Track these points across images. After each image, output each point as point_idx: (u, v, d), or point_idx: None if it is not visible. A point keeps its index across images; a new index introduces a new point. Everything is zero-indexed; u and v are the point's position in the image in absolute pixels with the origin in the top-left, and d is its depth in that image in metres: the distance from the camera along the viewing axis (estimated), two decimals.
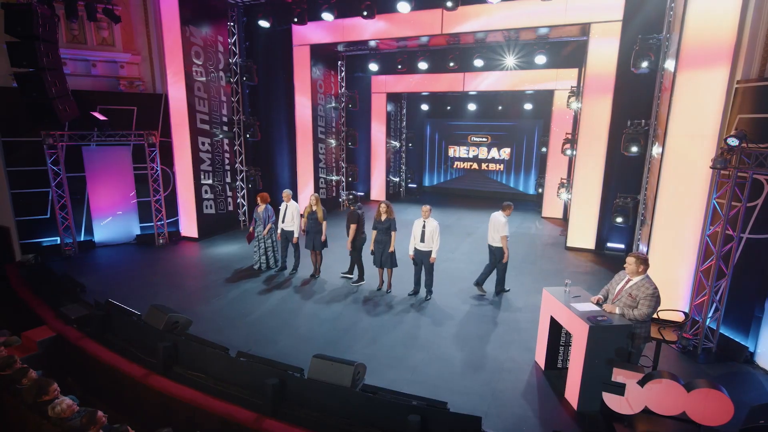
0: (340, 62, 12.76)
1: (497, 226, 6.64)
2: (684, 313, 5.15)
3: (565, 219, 10.78)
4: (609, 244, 9.16)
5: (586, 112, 9.00)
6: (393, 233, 6.63)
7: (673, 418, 3.91)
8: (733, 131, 4.86)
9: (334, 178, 13.18)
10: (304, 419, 4.21)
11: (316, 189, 12.39)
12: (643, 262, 4.15)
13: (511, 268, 7.22)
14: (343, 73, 12.89)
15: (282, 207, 7.66)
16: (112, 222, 9.33)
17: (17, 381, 4.63)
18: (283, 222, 7.59)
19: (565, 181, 11.41)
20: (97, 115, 8.35)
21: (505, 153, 15.74)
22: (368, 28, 10.15)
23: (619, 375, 3.79)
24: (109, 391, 5.29)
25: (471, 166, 16.40)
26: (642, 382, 3.71)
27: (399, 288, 7.08)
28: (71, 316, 6.22)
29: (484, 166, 16.18)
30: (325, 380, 4.33)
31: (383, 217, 6.61)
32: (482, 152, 16.14)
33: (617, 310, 4.16)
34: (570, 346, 4.70)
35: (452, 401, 4.07)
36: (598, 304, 4.37)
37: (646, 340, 4.24)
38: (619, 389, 3.80)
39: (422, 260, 6.58)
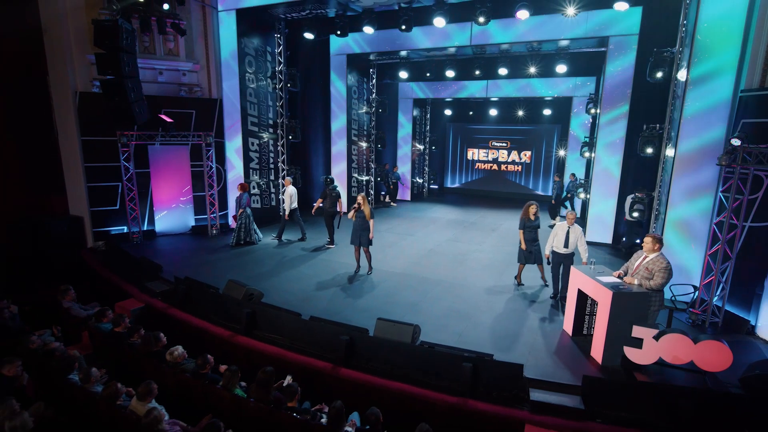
0: (371, 70, 13.71)
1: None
2: (693, 286, 5.91)
3: (583, 217, 11.51)
4: (625, 239, 9.90)
5: (605, 117, 9.79)
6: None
7: (682, 369, 4.72)
8: (736, 134, 5.64)
9: (365, 177, 14.10)
10: (372, 369, 5.07)
11: (348, 188, 13.31)
12: (658, 240, 4.97)
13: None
14: (374, 80, 13.84)
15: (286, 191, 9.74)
16: (171, 213, 10.34)
17: (130, 335, 5.60)
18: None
19: (583, 182, 12.17)
20: (164, 117, 9.37)
21: (525, 156, 16.55)
22: (405, 39, 11.07)
23: (637, 332, 4.61)
24: (196, 350, 6.20)
25: (491, 168, 17.23)
26: (657, 337, 4.53)
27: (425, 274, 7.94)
28: (155, 290, 7.20)
29: (503, 168, 17.00)
30: (388, 338, 5.21)
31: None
32: (502, 155, 16.96)
33: (636, 281, 4.97)
34: (594, 315, 5.50)
35: (495, 356, 4.92)
36: (619, 277, 5.19)
37: (660, 308, 5.04)
38: (638, 343, 4.62)
39: (562, 262, 6.63)
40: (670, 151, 7.36)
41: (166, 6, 8.94)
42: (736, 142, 5.45)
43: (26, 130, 9.78)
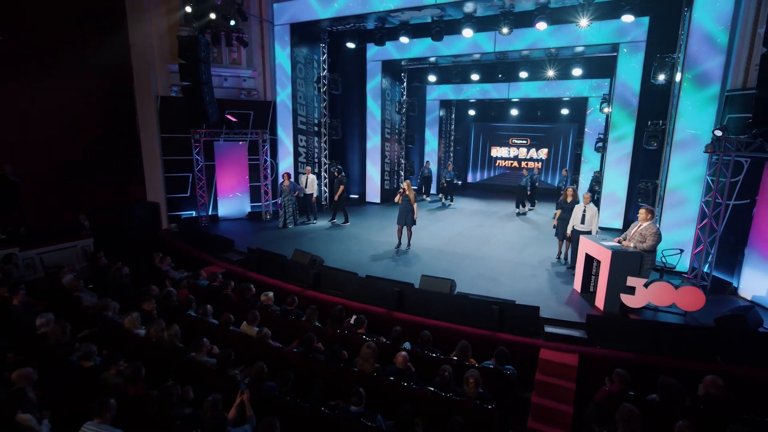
0: (403, 74, 15.09)
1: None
2: (680, 250, 7.08)
3: (597, 205, 12.58)
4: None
5: (616, 115, 10.92)
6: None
7: (668, 311, 5.93)
8: (718, 126, 6.79)
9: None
10: (419, 312, 6.40)
11: (381, 181, 14.69)
12: (650, 212, 6.18)
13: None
14: (405, 83, 15.21)
15: (304, 179, 11.35)
16: (231, 201, 11.91)
17: (224, 288, 7.08)
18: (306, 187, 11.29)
19: (598, 174, 13.26)
20: (230, 117, 10.93)
21: (543, 153, 17.67)
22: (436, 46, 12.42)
23: (631, 281, 5.84)
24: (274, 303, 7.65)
25: (511, 164, 18.40)
26: (646, 285, 5.75)
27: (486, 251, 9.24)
28: (232, 259, 8.71)
29: (523, 164, 18.14)
30: (431, 289, 6.55)
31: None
32: (522, 152, 18.12)
33: (632, 244, 6.19)
34: (598, 275, 6.72)
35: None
36: (618, 242, 6.41)
37: (652, 266, 6.24)
38: (631, 291, 5.85)
39: (578, 238, 7.27)
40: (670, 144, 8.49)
41: (232, 22, 10.48)
42: (718, 133, 6.61)
43: (114, 130, 11.49)
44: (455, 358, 5.08)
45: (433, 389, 4.39)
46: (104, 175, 11.44)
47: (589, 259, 6.78)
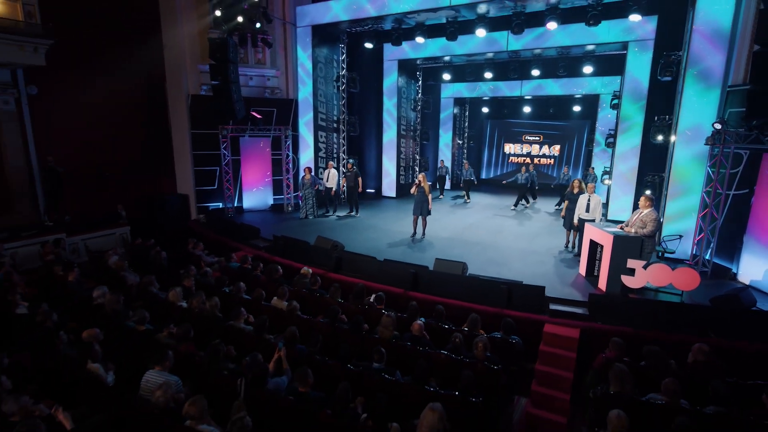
0: (418, 73, 15.61)
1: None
2: (679, 236, 7.47)
3: (606, 199, 12.94)
4: None
5: (626, 111, 11.27)
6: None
7: (666, 291, 6.36)
8: (717, 119, 7.17)
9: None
10: (432, 293, 6.93)
11: (397, 176, 15.23)
12: (650, 199, 6.61)
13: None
14: (420, 82, 15.73)
15: (326, 173, 11.94)
16: (255, 193, 12.60)
17: (254, 269, 7.71)
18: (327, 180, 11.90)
19: (608, 169, 13.58)
20: (255, 114, 11.61)
21: (555, 150, 18.01)
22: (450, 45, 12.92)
23: (631, 263, 6.27)
24: None
25: (524, 161, 18.76)
26: (645, 266, 6.18)
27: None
28: (259, 245, 9.37)
29: (536, 161, 18.51)
30: (444, 271, 7.08)
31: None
32: (535, 149, 18.48)
33: (633, 230, 6.63)
34: (602, 259, 7.16)
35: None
36: (621, 228, 6.84)
37: (652, 251, 6.67)
38: (631, 272, 6.28)
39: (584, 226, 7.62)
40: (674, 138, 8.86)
41: (258, 25, 11.13)
42: (717, 126, 6.99)
43: (148, 127, 12.28)
44: (466, 329, 5.60)
45: (445, 353, 4.94)
46: (138, 169, 12.22)
47: (594, 245, 7.22)
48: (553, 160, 18.16)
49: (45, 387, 4.34)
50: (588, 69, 12.64)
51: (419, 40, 11.69)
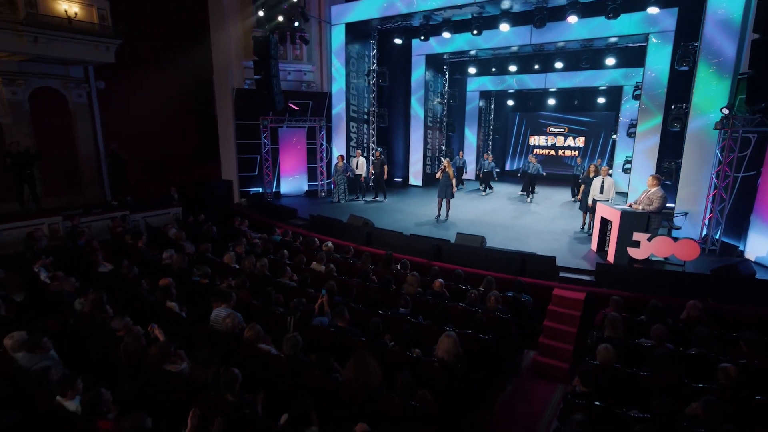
0: (445, 67, 16.29)
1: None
2: (685, 213, 7.94)
3: (628, 190, 13.29)
4: None
5: (646, 101, 11.63)
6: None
7: (669, 262, 6.90)
8: (725, 105, 7.60)
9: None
10: (453, 262, 7.69)
11: (423, 166, 15.98)
12: (657, 179, 7.15)
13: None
14: (446, 75, 16.40)
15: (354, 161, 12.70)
16: (292, 180, 13.64)
17: (294, 241, 8.68)
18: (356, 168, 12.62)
19: (630, 159, 13.90)
20: (292, 106, 12.62)
21: (580, 141, 18.31)
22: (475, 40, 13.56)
23: (636, 236, 6.85)
24: None
25: (549, 153, 19.14)
26: (649, 239, 6.75)
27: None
28: (297, 224, 10.35)
29: (560, 152, 18.86)
30: (464, 244, 7.82)
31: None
32: (559, 141, 18.83)
33: (640, 207, 7.18)
34: (611, 235, 7.73)
35: None
36: (629, 206, 7.41)
37: (659, 227, 7.20)
38: (637, 244, 6.86)
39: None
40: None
41: (296, 23, 12.11)
42: (725, 111, 7.44)
43: (197, 118, 13.51)
44: (482, 289, 6.35)
45: (462, 305, 5.71)
46: (188, 156, 13.48)
47: (605, 222, 7.80)
48: (577, 151, 18.46)
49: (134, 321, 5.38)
50: (611, 61, 13.00)
51: (445, 35, 12.38)
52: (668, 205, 8.92)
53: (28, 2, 8.63)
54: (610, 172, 9.36)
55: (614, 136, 16.21)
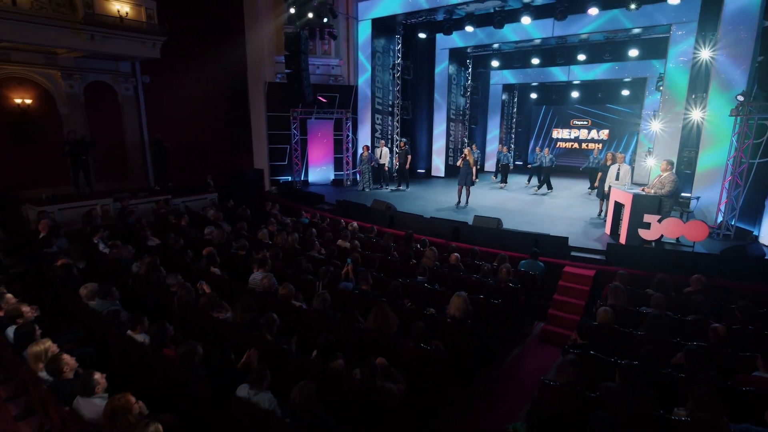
0: (468, 60, 16.64)
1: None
2: (696, 198, 8.14)
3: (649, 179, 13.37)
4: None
5: (669, 92, 11.72)
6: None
7: (679, 243, 7.17)
8: (739, 92, 7.75)
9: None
10: (470, 242, 8.15)
11: (446, 157, 16.39)
12: (670, 163, 7.42)
13: None
14: (469, 69, 16.75)
15: (378, 151, 13.09)
16: (319, 169, 14.33)
17: (322, 222, 9.31)
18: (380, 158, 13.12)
19: (651, 149, 13.94)
20: (321, 98, 13.28)
21: (604, 134, 18.31)
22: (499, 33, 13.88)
23: (647, 218, 7.14)
24: None
25: (572, 145, 19.20)
26: (660, 220, 7.04)
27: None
28: (324, 208, 11.01)
29: (583, 145, 18.89)
30: (481, 225, 8.27)
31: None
32: (583, 133, 18.87)
33: (652, 191, 7.46)
34: (623, 218, 8.01)
35: None
36: (642, 190, 7.68)
37: (670, 210, 7.46)
38: (647, 226, 7.16)
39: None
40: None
41: (325, 20, 12.74)
42: (740, 98, 7.61)
43: (231, 110, 14.36)
44: (495, 264, 6.80)
45: (476, 276, 6.19)
46: (224, 146, 14.35)
47: (618, 207, 8.10)
48: (601, 144, 18.46)
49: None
50: (634, 53, 13.08)
51: (468, 29, 12.77)
52: (683, 194, 9.18)
53: (85, 3, 9.55)
54: (625, 160, 9.59)
55: (638, 129, 16.18)
